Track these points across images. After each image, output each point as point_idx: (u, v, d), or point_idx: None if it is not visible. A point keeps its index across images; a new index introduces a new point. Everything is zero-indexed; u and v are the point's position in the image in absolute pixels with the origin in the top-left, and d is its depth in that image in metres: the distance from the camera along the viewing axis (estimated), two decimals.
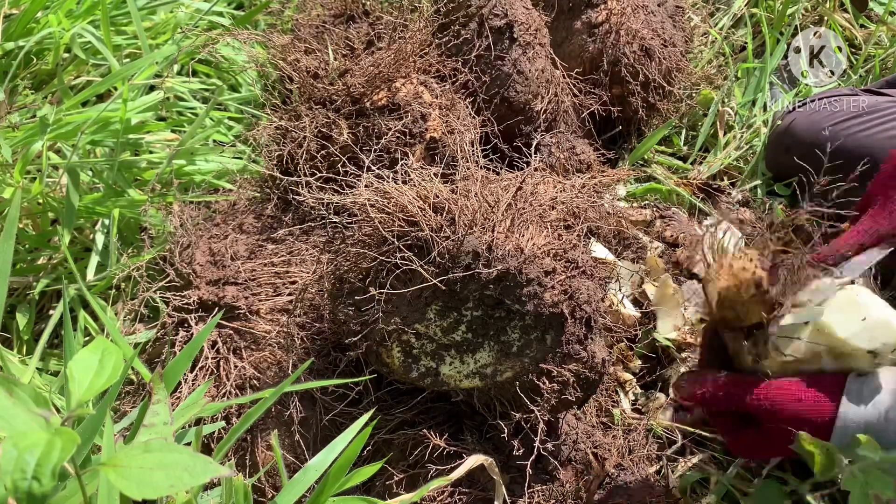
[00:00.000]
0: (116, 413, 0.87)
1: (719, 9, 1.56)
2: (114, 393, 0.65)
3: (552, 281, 0.73)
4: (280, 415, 0.84)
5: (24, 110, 1.09)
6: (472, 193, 0.74)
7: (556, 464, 0.82)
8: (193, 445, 0.65)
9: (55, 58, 1.14)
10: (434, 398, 0.85)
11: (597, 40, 1.20)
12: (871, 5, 1.58)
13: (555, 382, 0.75)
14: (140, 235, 1.03)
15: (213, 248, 0.95)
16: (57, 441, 0.45)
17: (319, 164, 0.99)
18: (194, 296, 0.90)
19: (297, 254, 0.95)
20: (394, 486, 0.80)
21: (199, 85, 1.21)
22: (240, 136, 1.18)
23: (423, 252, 0.73)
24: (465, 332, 0.75)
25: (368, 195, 0.77)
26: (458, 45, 1.09)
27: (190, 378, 0.86)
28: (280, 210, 1.01)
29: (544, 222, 0.77)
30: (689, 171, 1.31)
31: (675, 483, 0.92)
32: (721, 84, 1.40)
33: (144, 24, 1.21)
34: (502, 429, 0.77)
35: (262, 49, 1.17)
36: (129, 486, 0.47)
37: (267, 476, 0.83)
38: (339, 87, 1.01)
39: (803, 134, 1.19)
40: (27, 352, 0.98)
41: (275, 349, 0.87)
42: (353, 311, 0.77)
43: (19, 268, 1.02)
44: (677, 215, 1.19)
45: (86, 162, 1.03)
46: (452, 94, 1.06)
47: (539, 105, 1.12)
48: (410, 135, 0.99)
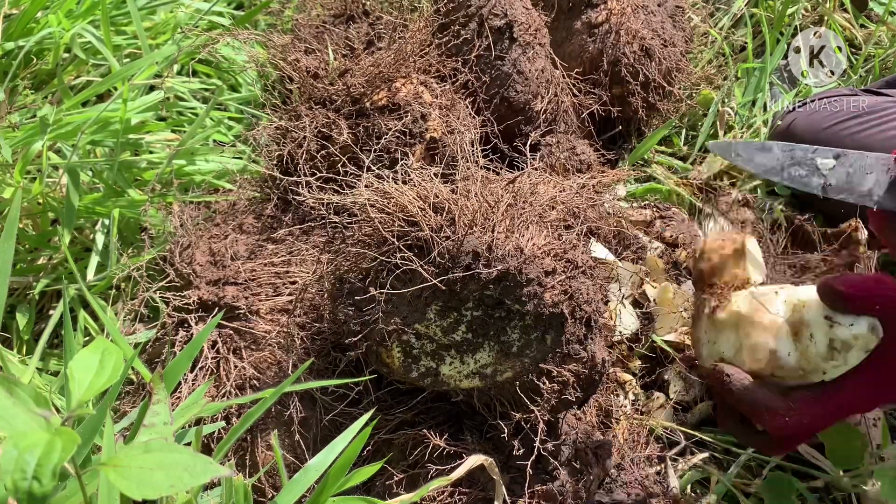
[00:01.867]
0: (116, 413, 0.87)
1: (719, 9, 1.56)
2: (114, 393, 0.65)
3: (552, 281, 0.73)
4: (280, 415, 0.84)
5: (24, 110, 1.09)
6: (472, 193, 0.74)
7: (556, 464, 0.82)
8: (193, 445, 0.65)
9: (55, 58, 1.14)
10: (434, 398, 0.85)
11: (597, 40, 1.20)
12: (871, 5, 1.58)
13: (555, 382, 0.75)
14: (140, 235, 1.03)
15: (213, 248, 0.95)
16: (57, 441, 0.45)
17: (319, 164, 0.99)
18: (194, 296, 0.90)
19: (297, 254, 0.95)
20: (394, 486, 0.80)
21: (199, 85, 1.21)
22: (240, 136, 1.18)
23: (423, 252, 0.73)
24: (465, 332, 0.75)
25: (368, 195, 0.77)
26: (458, 45, 1.09)
27: (190, 378, 0.86)
28: (280, 210, 1.01)
29: (544, 222, 0.77)
30: (689, 171, 1.31)
31: (675, 483, 0.92)
32: (721, 84, 1.40)
33: (144, 24, 1.21)
34: (502, 429, 0.77)
35: (262, 49, 1.17)
36: (129, 486, 0.47)
37: (267, 476, 0.83)
38: (339, 87, 1.01)
39: (803, 134, 1.19)
40: (27, 352, 0.98)
41: (275, 349, 0.87)
42: (353, 311, 0.77)
43: (19, 268, 1.02)
44: (677, 215, 1.19)
45: (86, 162, 1.03)
46: (452, 94, 1.06)
47: (539, 105, 1.12)
48: (410, 135, 0.99)
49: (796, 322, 0.73)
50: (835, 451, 0.90)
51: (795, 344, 0.73)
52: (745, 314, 0.77)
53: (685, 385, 1.02)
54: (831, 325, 0.72)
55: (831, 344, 0.72)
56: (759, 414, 0.74)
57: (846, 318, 0.71)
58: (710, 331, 0.81)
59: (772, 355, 0.74)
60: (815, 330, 0.72)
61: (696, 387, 1.01)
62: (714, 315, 0.80)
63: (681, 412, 1.01)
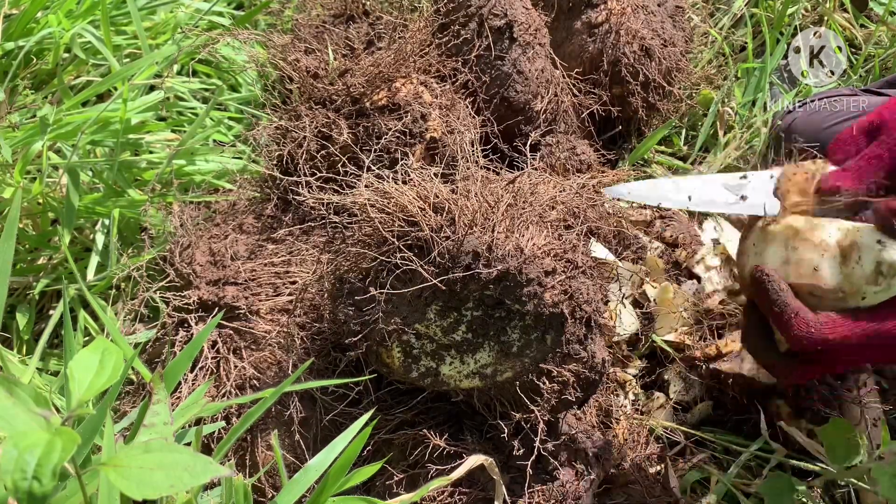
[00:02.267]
0: (116, 413, 0.87)
1: (719, 9, 1.56)
2: (114, 393, 0.65)
3: (552, 281, 0.73)
4: (280, 415, 0.84)
5: (24, 110, 1.09)
6: (472, 193, 0.74)
7: (556, 464, 0.82)
8: (193, 445, 0.65)
9: (55, 58, 1.14)
10: (434, 398, 0.85)
11: (597, 40, 1.20)
12: (871, 5, 1.58)
13: (555, 382, 0.75)
14: (140, 235, 1.03)
15: (213, 248, 0.95)
16: (57, 441, 0.45)
17: (319, 164, 0.99)
18: (194, 296, 0.90)
19: (297, 254, 0.95)
20: (394, 486, 0.80)
21: (199, 85, 1.21)
22: (240, 136, 1.18)
23: (423, 252, 0.73)
24: (465, 332, 0.75)
25: (368, 195, 0.77)
26: (458, 45, 1.09)
27: (190, 378, 0.86)
28: (280, 210, 1.01)
29: (544, 222, 0.77)
30: (689, 171, 1.31)
31: (675, 483, 0.92)
32: (721, 84, 1.40)
33: (144, 24, 1.21)
34: (502, 429, 0.77)
35: (262, 49, 1.17)
36: (129, 486, 0.47)
37: (267, 476, 0.83)
38: (339, 87, 1.01)
39: (803, 134, 1.19)
40: (27, 352, 0.98)
41: (275, 349, 0.87)
42: (353, 311, 0.77)
43: (19, 268, 1.02)
44: (677, 215, 1.19)
45: (86, 162, 1.03)
46: (452, 94, 1.06)
47: (539, 105, 1.12)
48: (410, 135, 0.99)
49: (847, 244, 0.73)
50: (833, 448, 0.90)
51: (842, 267, 0.73)
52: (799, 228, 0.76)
53: (685, 385, 1.02)
54: (882, 248, 0.71)
55: (878, 267, 0.71)
56: (787, 318, 0.73)
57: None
58: (759, 242, 0.79)
59: (815, 273, 0.74)
60: (864, 252, 0.72)
61: (696, 387, 1.02)
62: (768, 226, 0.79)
63: (681, 412, 1.01)
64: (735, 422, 1.00)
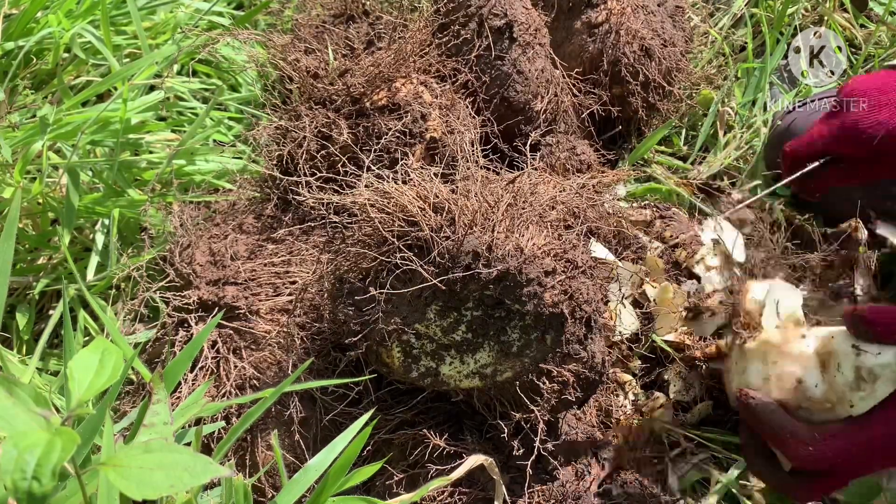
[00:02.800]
0: (116, 413, 0.87)
1: (719, 9, 1.56)
2: (114, 393, 0.65)
3: (552, 281, 0.73)
4: (280, 415, 0.84)
5: (24, 110, 1.09)
6: (472, 193, 0.74)
7: (556, 464, 0.82)
8: (193, 445, 0.65)
9: (55, 58, 1.14)
10: (434, 398, 0.85)
11: (597, 40, 1.20)
12: (871, 5, 1.58)
13: (555, 382, 0.75)
14: (140, 235, 1.03)
15: (213, 248, 0.95)
16: (57, 441, 0.45)
17: (319, 164, 0.99)
18: (194, 296, 0.90)
19: (297, 254, 0.95)
20: (394, 486, 0.80)
21: (199, 85, 1.21)
22: (240, 136, 1.18)
23: (423, 252, 0.73)
24: (465, 332, 0.75)
25: (368, 195, 0.77)
26: (458, 45, 1.09)
27: (190, 378, 0.86)
28: (280, 210, 1.01)
29: (544, 222, 0.77)
30: (689, 171, 1.31)
31: (675, 483, 0.92)
32: (721, 84, 1.40)
33: (144, 24, 1.21)
34: (502, 429, 0.77)
35: (262, 49, 1.17)
36: (129, 486, 0.47)
37: (267, 476, 0.83)
38: (339, 87, 1.01)
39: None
40: (27, 352, 0.98)
41: (275, 349, 0.87)
42: (353, 311, 0.77)
43: (19, 268, 1.02)
44: (677, 215, 1.19)
45: (86, 162, 1.03)
46: (452, 94, 1.06)
47: (539, 105, 1.11)
48: (410, 135, 0.99)
49: (824, 353, 0.73)
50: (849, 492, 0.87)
51: (823, 375, 0.73)
52: (773, 343, 0.77)
53: (685, 385, 1.02)
54: (858, 354, 0.71)
55: (858, 373, 0.71)
56: (783, 440, 0.72)
57: (873, 346, 0.71)
58: (739, 361, 0.81)
59: (798, 385, 0.74)
60: (843, 359, 0.72)
61: (696, 387, 1.01)
62: (744, 345, 0.80)
63: (681, 412, 1.01)
64: (735, 422, 1.00)
